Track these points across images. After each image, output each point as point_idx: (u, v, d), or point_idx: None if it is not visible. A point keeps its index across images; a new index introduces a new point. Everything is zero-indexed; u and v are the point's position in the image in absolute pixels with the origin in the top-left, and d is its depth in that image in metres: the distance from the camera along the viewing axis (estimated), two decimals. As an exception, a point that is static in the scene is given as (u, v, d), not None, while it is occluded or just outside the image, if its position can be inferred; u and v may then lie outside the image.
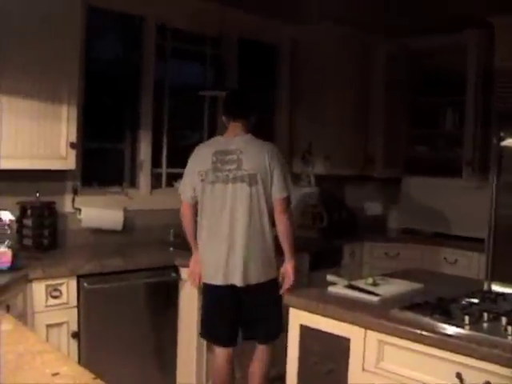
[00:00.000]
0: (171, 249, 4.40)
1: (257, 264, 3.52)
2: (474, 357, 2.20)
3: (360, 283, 2.98)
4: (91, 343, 3.58)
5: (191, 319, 3.97)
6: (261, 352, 3.69)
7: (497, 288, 3.02)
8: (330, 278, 3.06)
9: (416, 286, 3.06)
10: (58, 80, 3.71)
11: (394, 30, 5.43)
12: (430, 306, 2.57)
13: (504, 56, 4.75)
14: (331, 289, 2.94)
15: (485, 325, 2.36)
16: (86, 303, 3.55)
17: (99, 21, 4.42)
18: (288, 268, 3.59)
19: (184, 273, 3.94)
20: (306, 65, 5.50)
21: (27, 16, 3.54)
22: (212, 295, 3.62)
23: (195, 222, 3.67)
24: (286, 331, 2.95)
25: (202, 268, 3.63)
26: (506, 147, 4.47)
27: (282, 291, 3.51)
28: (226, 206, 3.49)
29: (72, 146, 3.79)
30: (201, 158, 3.58)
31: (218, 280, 3.54)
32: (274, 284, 3.58)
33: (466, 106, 5.31)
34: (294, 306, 2.88)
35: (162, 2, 4.55)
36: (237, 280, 3.50)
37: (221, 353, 3.63)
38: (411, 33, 5.54)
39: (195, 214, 3.65)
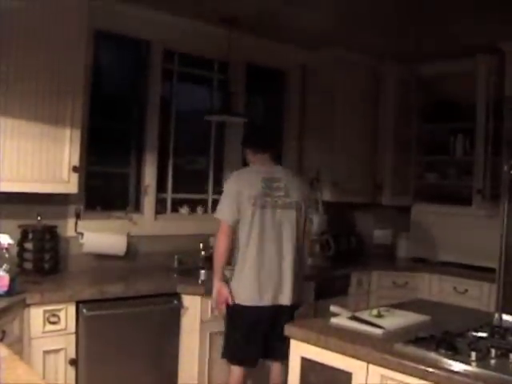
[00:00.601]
0: (175, 275, 4.34)
1: (297, 284, 3.68)
2: (480, 396, 2.09)
3: (364, 315, 2.88)
4: (89, 371, 3.49)
5: (193, 348, 3.89)
6: (278, 369, 3.69)
7: (509, 319, 2.91)
8: (333, 308, 2.98)
9: (422, 318, 2.96)
10: (61, 103, 3.68)
11: (404, 56, 5.38)
12: (436, 340, 2.46)
13: (515, 83, 4.67)
14: (334, 320, 2.85)
15: (492, 361, 2.26)
16: (85, 330, 3.47)
17: (106, 44, 4.41)
18: None
19: (186, 300, 3.88)
20: (315, 91, 5.47)
21: (31, 38, 3.52)
22: (251, 317, 3.57)
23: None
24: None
25: (240, 291, 3.60)
26: (516, 175, 4.40)
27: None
28: (274, 230, 3.62)
29: (74, 169, 3.74)
30: (250, 183, 3.63)
31: (264, 301, 3.56)
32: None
33: (475, 133, 5.22)
34: (295, 338, 2.79)
35: (169, 26, 4.53)
36: (286, 300, 3.60)
37: (239, 371, 3.62)
38: (422, 59, 5.50)
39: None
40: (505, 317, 2.94)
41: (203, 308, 3.92)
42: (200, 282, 4.39)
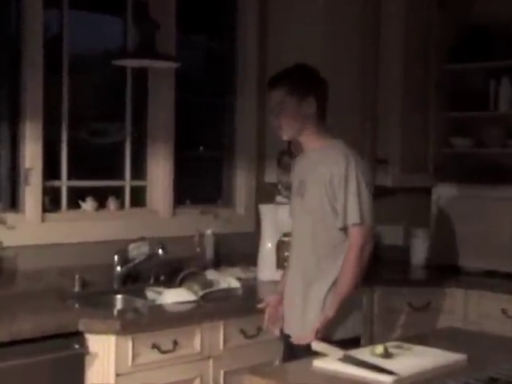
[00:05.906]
0: (76, 305, 4.28)
1: None
2: None
3: (363, 354, 2.87)
4: None
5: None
6: None
7: None
8: (315, 346, 2.96)
9: (454, 357, 2.94)
10: None
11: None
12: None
13: None
14: (317, 363, 2.81)
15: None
16: None
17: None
18: None
19: (93, 342, 3.76)
20: (281, 16, 5.40)
21: None
22: None
23: None
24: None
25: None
26: None
27: None
28: None
29: None
30: None
31: None
32: None
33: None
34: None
35: None
36: None
37: None
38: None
39: None
40: None
41: (120, 353, 3.79)
42: (115, 313, 4.34)
